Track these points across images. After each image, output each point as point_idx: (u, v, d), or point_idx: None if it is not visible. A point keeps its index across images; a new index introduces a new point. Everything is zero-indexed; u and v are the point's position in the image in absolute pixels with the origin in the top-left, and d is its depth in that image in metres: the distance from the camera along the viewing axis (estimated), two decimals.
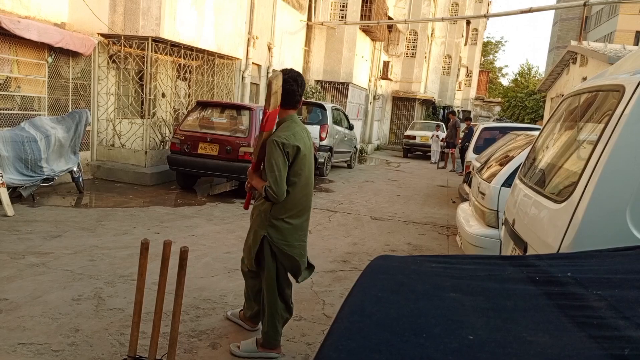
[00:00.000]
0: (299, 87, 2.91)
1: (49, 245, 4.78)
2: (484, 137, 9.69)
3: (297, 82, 2.91)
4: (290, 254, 2.97)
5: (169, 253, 2.39)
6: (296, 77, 2.91)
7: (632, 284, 1.28)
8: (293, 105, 2.94)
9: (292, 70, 3.00)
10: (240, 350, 3.06)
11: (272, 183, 2.77)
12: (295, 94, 2.90)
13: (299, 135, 2.87)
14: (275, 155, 2.77)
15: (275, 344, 3.08)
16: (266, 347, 3.07)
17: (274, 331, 3.05)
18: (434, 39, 28.20)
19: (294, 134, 2.85)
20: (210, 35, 9.65)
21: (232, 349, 3.09)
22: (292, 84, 2.88)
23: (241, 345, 3.08)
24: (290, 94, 2.88)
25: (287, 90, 2.87)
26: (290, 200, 2.91)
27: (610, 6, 42.55)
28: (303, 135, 2.92)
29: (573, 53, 14.37)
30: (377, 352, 0.93)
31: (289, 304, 3.17)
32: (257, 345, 3.07)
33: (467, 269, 1.42)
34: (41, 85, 7.40)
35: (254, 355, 3.05)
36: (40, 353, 2.87)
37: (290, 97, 2.89)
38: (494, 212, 4.41)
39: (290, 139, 2.81)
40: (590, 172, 2.11)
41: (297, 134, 2.87)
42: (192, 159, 7.67)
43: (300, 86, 2.92)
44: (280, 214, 2.91)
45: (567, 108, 3.07)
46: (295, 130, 2.88)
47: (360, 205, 8.41)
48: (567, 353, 0.94)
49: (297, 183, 2.90)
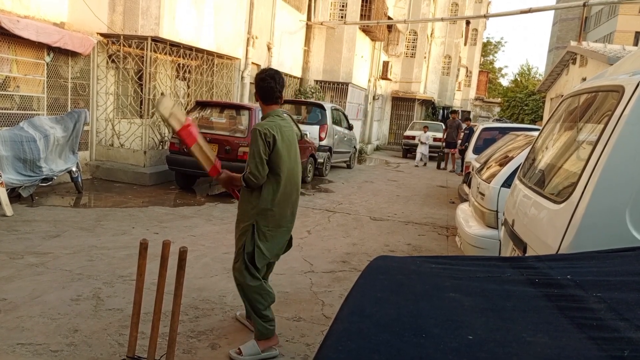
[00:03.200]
0: (277, 83, 3.04)
1: (47, 245, 4.77)
2: (484, 137, 9.69)
3: (275, 79, 3.03)
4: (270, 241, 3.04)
5: (168, 253, 2.39)
6: (273, 75, 3.05)
7: (632, 286, 1.28)
8: (274, 101, 3.08)
9: (269, 68, 3.17)
10: (244, 355, 3.01)
11: (253, 168, 2.91)
12: (274, 89, 3.03)
13: (281, 128, 2.99)
14: (258, 143, 2.90)
15: (269, 333, 3.07)
16: (262, 339, 3.06)
17: (262, 319, 3.04)
18: (433, 39, 28.22)
19: (276, 125, 2.98)
20: (209, 35, 9.64)
21: (231, 355, 3.02)
22: (269, 81, 3.02)
23: (242, 349, 3.04)
24: (269, 90, 3.03)
25: (265, 88, 3.03)
26: (276, 190, 3.00)
27: (610, 7, 42.60)
28: (285, 128, 3.03)
29: (573, 53, 14.38)
30: (377, 352, 0.93)
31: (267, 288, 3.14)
32: (257, 340, 3.07)
33: (467, 270, 1.42)
34: (40, 85, 7.40)
35: (257, 356, 3.03)
36: (39, 353, 2.86)
37: (269, 93, 3.04)
38: (493, 212, 4.41)
39: (272, 129, 2.94)
40: (589, 172, 2.11)
41: (279, 125, 2.99)
42: (191, 159, 7.60)
43: (278, 82, 3.04)
44: (267, 205, 3.00)
45: (567, 108, 3.07)
46: (277, 122, 3.01)
47: (360, 205, 8.41)
48: (567, 354, 0.94)
49: (281, 176, 3.00)
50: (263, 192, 2.99)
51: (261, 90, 3.05)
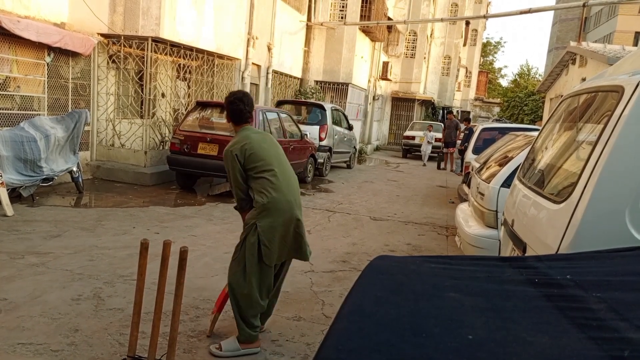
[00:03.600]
0: (245, 105, 3.19)
1: (48, 245, 4.78)
2: (483, 137, 9.70)
3: (243, 101, 3.19)
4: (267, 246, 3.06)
5: (168, 253, 2.40)
6: (242, 97, 3.21)
7: (632, 286, 1.28)
8: (244, 121, 3.23)
9: (238, 91, 3.32)
10: (223, 350, 3.04)
11: (236, 195, 3.12)
12: (243, 111, 3.20)
13: (248, 137, 3.12)
14: (229, 165, 3.07)
15: (252, 338, 3.08)
16: (245, 343, 3.07)
17: (245, 325, 3.05)
18: (433, 39, 28.21)
19: (243, 137, 3.12)
20: (209, 36, 9.65)
21: (211, 350, 3.05)
22: (238, 103, 3.18)
23: (222, 345, 3.06)
24: (238, 112, 3.20)
25: (235, 110, 3.19)
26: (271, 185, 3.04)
27: (610, 7, 42.58)
28: (252, 135, 3.15)
29: (572, 54, 14.37)
30: (377, 352, 0.94)
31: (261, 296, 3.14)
32: (239, 342, 3.07)
33: (467, 269, 1.43)
34: (40, 85, 7.40)
35: (236, 353, 3.04)
36: (39, 353, 2.87)
37: (239, 115, 3.21)
38: (493, 212, 4.41)
39: (238, 144, 3.08)
40: (589, 172, 2.12)
41: (246, 137, 3.12)
42: (192, 159, 7.67)
43: (247, 105, 3.20)
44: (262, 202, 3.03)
45: (567, 109, 3.07)
46: (244, 135, 3.14)
47: (360, 205, 8.41)
48: (567, 354, 0.94)
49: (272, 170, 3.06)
50: (255, 195, 3.05)
51: (231, 112, 3.21)
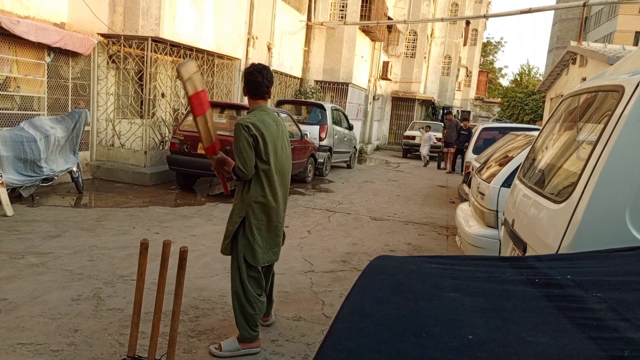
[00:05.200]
0: (264, 78, 3.00)
1: (48, 245, 4.78)
2: (484, 137, 9.70)
3: (262, 74, 3.00)
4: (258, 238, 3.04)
5: (168, 253, 2.39)
6: (261, 70, 3.02)
7: (632, 286, 1.28)
8: (261, 96, 3.05)
9: (258, 64, 3.11)
10: (223, 350, 3.03)
11: (241, 164, 2.90)
12: (262, 84, 3.00)
13: (265, 122, 2.96)
14: (242, 138, 2.88)
15: (252, 338, 3.07)
16: (245, 342, 3.06)
17: (247, 324, 3.04)
18: (433, 39, 28.21)
19: (260, 120, 2.95)
20: (209, 35, 9.65)
21: (211, 351, 3.04)
22: (256, 75, 2.99)
23: (222, 345, 3.06)
24: (256, 85, 3.00)
25: (252, 82, 3.00)
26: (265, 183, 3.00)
27: (610, 7, 42.58)
28: (270, 122, 3.00)
29: (572, 53, 14.38)
30: (377, 352, 0.94)
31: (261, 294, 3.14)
32: (239, 342, 3.07)
33: (467, 270, 1.42)
34: (40, 85, 7.40)
35: (236, 353, 3.04)
36: (39, 353, 2.87)
37: (256, 88, 3.01)
38: (493, 212, 4.41)
39: (256, 123, 2.91)
40: (589, 172, 2.11)
41: (263, 120, 2.96)
42: (192, 159, 7.67)
43: (265, 78, 3.01)
44: (258, 198, 2.99)
45: (567, 108, 3.07)
46: (261, 117, 2.97)
47: (360, 205, 8.41)
48: (567, 354, 0.94)
49: (270, 169, 2.99)
50: (252, 186, 2.99)
51: (248, 84, 3.03)
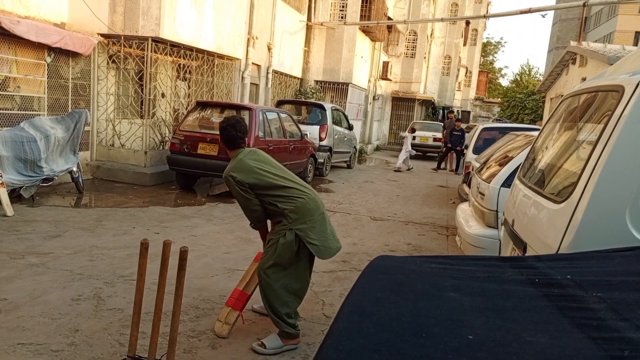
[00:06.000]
0: (238, 131, 3.27)
1: (48, 245, 4.78)
2: (484, 137, 9.69)
3: (236, 127, 3.27)
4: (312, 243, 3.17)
5: (168, 253, 2.40)
6: (234, 124, 3.28)
7: (632, 286, 1.28)
8: (238, 146, 3.30)
9: (231, 117, 3.41)
10: (267, 348, 3.12)
11: (247, 214, 3.25)
12: (236, 137, 3.27)
13: (244, 162, 3.19)
14: (232, 188, 3.16)
15: (294, 335, 3.19)
16: (287, 339, 3.17)
17: (286, 323, 3.14)
18: (433, 39, 28.21)
19: (238, 164, 3.18)
20: (209, 36, 9.65)
21: (255, 348, 3.13)
22: (230, 130, 3.26)
23: (265, 342, 3.15)
24: (231, 138, 3.27)
25: (228, 136, 3.27)
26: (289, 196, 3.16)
27: (610, 7, 42.58)
28: (248, 160, 3.20)
29: (572, 53, 14.37)
30: (377, 352, 0.94)
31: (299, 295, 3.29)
32: (282, 339, 3.16)
33: (467, 269, 1.43)
34: (41, 85, 7.40)
35: (278, 350, 3.14)
36: (39, 353, 2.87)
37: (232, 141, 3.28)
38: (493, 212, 4.41)
39: (236, 169, 3.15)
40: (589, 172, 2.11)
41: (242, 162, 3.19)
42: (192, 159, 7.67)
43: (239, 131, 3.28)
44: (298, 223, 3.14)
45: (567, 108, 3.07)
46: (239, 161, 3.20)
47: (360, 205, 8.41)
48: (567, 354, 0.94)
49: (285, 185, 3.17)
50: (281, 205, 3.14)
51: (224, 138, 3.29)
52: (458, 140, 14.69)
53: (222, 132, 3.29)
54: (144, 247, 2.37)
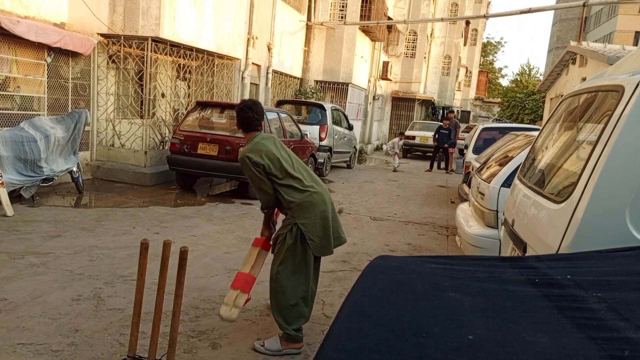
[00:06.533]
0: (255, 113, 3.27)
1: (48, 245, 4.78)
2: (484, 137, 9.69)
3: (252, 109, 3.28)
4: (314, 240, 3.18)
5: (168, 253, 2.40)
6: (251, 106, 3.29)
7: (632, 286, 1.28)
8: (254, 128, 3.31)
9: (249, 99, 3.45)
10: (266, 348, 3.12)
11: (260, 197, 3.24)
12: (253, 119, 3.28)
13: (262, 144, 3.19)
14: (247, 170, 3.15)
15: (297, 339, 3.17)
16: (288, 341, 3.15)
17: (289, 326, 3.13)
18: (433, 39, 28.22)
19: (255, 146, 3.18)
20: (209, 35, 9.65)
21: (256, 347, 3.15)
22: (247, 111, 3.26)
23: (266, 342, 3.15)
24: (247, 120, 3.28)
25: (244, 117, 3.28)
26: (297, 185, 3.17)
27: (610, 7, 42.58)
28: (265, 142, 3.21)
29: (572, 53, 14.37)
30: (377, 352, 0.94)
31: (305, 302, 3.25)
32: (283, 342, 3.15)
33: (467, 270, 1.43)
34: (41, 85, 7.40)
35: (278, 353, 3.12)
36: (39, 353, 2.87)
37: (248, 122, 3.29)
38: (493, 212, 4.41)
39: (253, 150, 3.15)
40: (589, 172, 2.12)
41: (259, 144, 3.19)
42: (192, 159, 7.67)
43: (256, 112, 3.28)
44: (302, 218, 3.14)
45: (567, 108, 3.07)
46: (256, 143, 3.20)
47: (360, 205, 8.41)
48: (567, 353, 0.94)
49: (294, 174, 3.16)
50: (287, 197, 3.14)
51: (241, 119, 3.30)
52: (444, 138, 14.68)
53: (238, 113, 3.29)
54: (144, 247, 2.38)
